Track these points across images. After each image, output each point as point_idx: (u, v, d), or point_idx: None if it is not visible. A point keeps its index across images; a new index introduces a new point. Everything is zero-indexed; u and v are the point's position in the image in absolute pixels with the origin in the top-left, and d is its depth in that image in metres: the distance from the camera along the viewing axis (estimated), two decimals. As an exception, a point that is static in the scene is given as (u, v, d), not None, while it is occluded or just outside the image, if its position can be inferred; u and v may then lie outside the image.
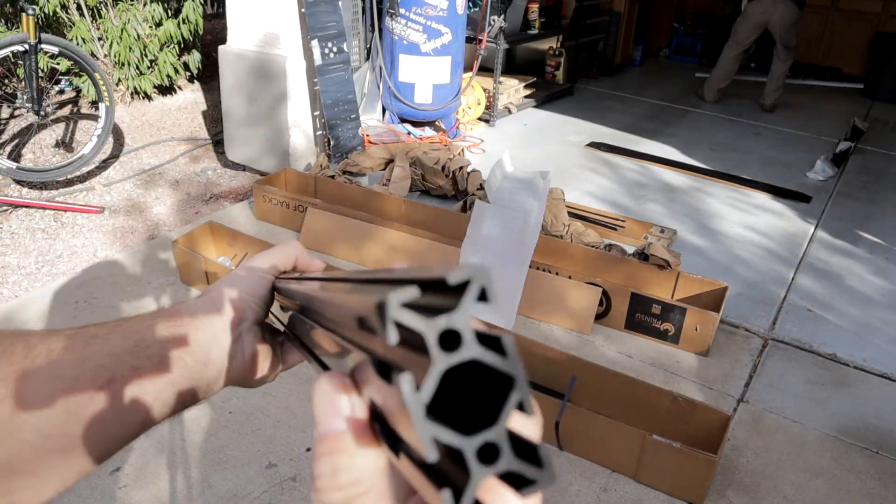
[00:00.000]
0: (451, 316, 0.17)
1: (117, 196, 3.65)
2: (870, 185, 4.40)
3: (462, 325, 0.17)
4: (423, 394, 0.17)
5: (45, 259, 3.04)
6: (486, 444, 0.17)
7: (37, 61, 3.32)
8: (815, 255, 3.40)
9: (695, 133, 5.18)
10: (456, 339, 0.17)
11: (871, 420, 2.29)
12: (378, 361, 0.20)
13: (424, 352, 0.17)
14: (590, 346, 2.57)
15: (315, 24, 3.52)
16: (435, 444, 0.17)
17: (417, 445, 0.17)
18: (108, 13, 4.35)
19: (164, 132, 4.43)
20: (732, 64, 5.75)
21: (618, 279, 2.74)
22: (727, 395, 2.36)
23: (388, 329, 0.17)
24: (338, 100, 3.70)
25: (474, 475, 0.17)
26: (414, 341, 0.17)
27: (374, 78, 4.51)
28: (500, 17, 4.71)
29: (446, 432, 0.17)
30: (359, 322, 0.20)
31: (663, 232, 3.38)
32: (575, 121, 5.27)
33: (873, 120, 5.87)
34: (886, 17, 6.78)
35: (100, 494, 1.83)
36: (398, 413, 0.18)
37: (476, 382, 0.18)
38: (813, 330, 2.75)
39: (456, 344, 0.17)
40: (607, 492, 1.94)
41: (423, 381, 0.17)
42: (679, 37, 7.68)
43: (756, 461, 2.08)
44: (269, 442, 2.03)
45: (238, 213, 3.45)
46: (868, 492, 2.00)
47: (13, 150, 3.87)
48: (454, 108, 4.62)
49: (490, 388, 0.18)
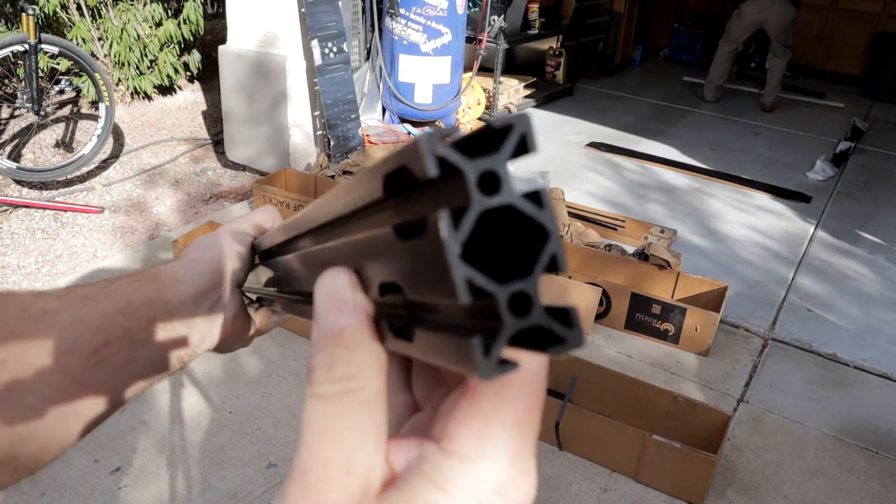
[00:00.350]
0: (492, 158, 0.17)
1: (117, 196, 3.65)
2: (870, 185, 4.40)
3: (501, 169, 0.17)
4: (461, 232, 0.16)
5: (45, 259, 3.04)
6: (519, 293, 0.17)
7: (37, 61, 3.32)
8: (816, 255, 3.40)
9: (695, 133, 5.18)
10: (495, 184, 0.17)
11: (871, 420, 2.29)
12: (401, 225, 0.19)
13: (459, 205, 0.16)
14: (590, 346, 2.57)
15: (315, 24, 3.52)
16: (468, 289, 0.16)
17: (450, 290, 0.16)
18: (108, 13, 4.35)
19: (164, 132, 4.43)
20: (727, 61, 5.78)
21: (618, 279, 2.74)
22: (727, 395, 2.36)
23: (427, 162, 0.16)
24: (338, 100, 3.70)
25: (507, 324, 0.16)
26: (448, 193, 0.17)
27: (374, 78, 4.51)
28: (500, 17, 4.71)
29: (481, 277, 0.16)
30: (385, 181, 0.19)
31: (663, 232, 3.38)
32: (575, 121, 5.27)
33: (873, 120, 5.87)
34: (886, 17, 6.78)
35: (100, 494, 1.83)
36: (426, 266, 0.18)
37: (509, 233, 0.18)
38: (813, 330, 2.75)
39: (495, 189, 0.17)
40: (607, 492, 1.94)
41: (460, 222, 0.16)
42: (679, 37, 7.68)
43: (756, 461, 2.08)
44: (269, 442, 2.03)
45: (238, 213, 3.45)
46: (868, 492, 2.00)
47: (13, 150, 3.87)
48: (454, 108, 4.62)
49: (523, 240, 0.17)
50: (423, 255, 0.18)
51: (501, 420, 0.20)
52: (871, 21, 6.86)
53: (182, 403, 2.17)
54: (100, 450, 1.97)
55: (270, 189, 3.31)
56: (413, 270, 0.19)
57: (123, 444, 2.00)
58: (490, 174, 0.17)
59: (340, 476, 0.21)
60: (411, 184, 0.18)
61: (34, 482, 1.85)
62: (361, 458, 0.21)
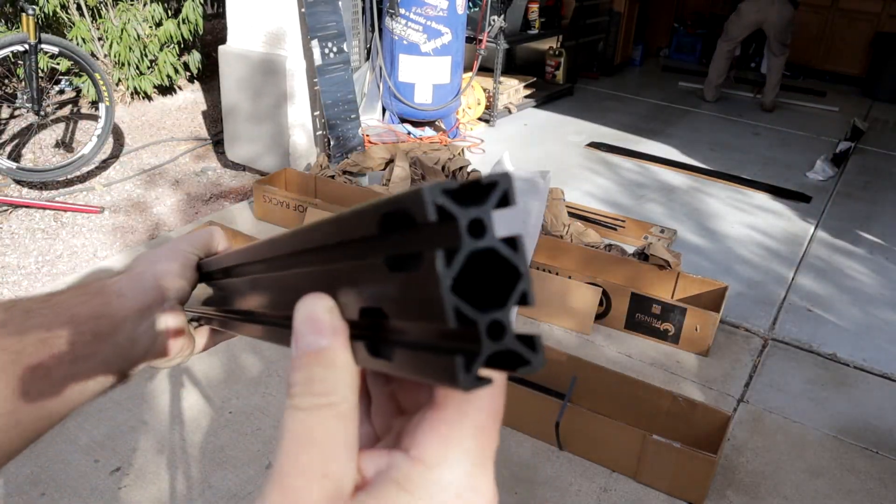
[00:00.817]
0: (480, 208, 0.20)
1: (117, 196, 3.65)
2: (870, 185, 4.40)
3: (487, 218, 0.20)
4: (452, 269, 0.20)
5: (45, 259, 3.04)
6: (495, 321, 0.20)
7: (37, 61, 3.32)
8: (816, 254, 3.40)
9: (695, 133, 5.18)
10: (481, 230, 0.20)
11: (871, 420, 2.29)
12: (394, 258, 0.22)
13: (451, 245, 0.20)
14: (590, 346, 2.57)
15: (315, 24, 3.52)
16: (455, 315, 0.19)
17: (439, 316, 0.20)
18: (108, 13, 4.35)
19: (164, 132, 4.43)
20: (725, 60, 5.79)
21: (618, 279, 2.74)
22: (727, 395, 2.36)
23: (428, 209, 0.19)
24: (338, 100, 3.70)
25: (485, 347, 0.20)
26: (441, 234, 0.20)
27: (374, 78, 4.51)
28: (500, 17, 4.71)
29: (467, 307, 0.20)
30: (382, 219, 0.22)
31: (663, 232, 3.38)
32: (575, 121, 5.27)
33: (873, 120, 5.87)
34: (886, 17, 6.78)
35: (100, 494, 1.83)
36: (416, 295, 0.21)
37: (485, 271, 0.21)
38: (813, 330, 2.76)
39: (481, 234, 0.20)
40: (607, 492, 1.94)
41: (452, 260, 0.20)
42: (679, 37, 7.68)
43: (756, 461, 2.08)
44: (269, 442, 2.03)
45: (238, 213, 3.45)
46: (868, 492, 2.00)
47: (13, 150, 3.87)
48: (454, 108, 4.62)
49: (498, 277, 0.21)
50: (415, 285, 0.21)
51: (464, 428, 0.23)
52: (871, 21, 6.86)
53: (182, 403, 2.17)
54: (100, 450, 1.97)
55: (270, 189, 3.31)
56: (401, 297, 0.22)
57: (123, 444, 2.00)
58: (477, 221, 0.20)
59: (317, 480, 0.23)
60: (407, 223, 0.21)
61: (34, 482, 1.85)
62: (336, 464, 0.23)
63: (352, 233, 0.24)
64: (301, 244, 0.29)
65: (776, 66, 5.66)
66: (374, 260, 0.23)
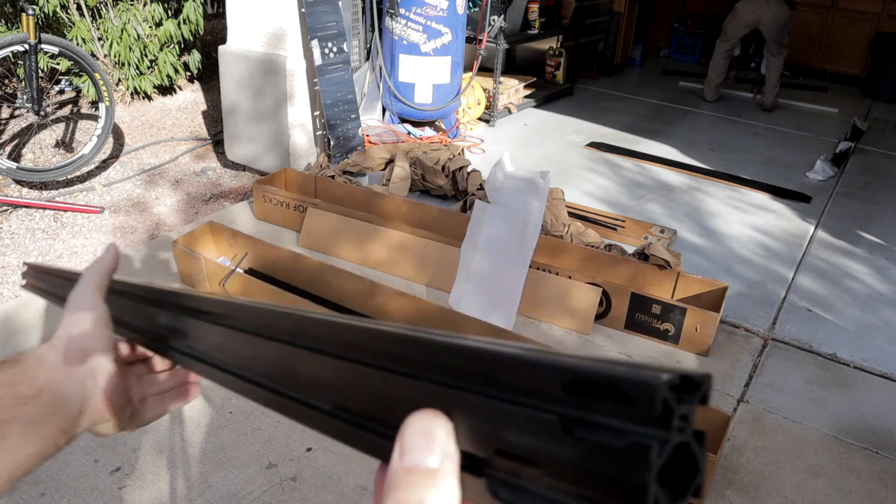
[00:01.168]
0: (688, 404, 0.21)
1: (117, 196, 3.65)
2: (870, 185, 4.40)
3: (691, 414, 0.21)
4: (661, 458, 0.20)
5: (45, 259, 3.04)
6: None
7: (37, 61, 3.32)
8: (816, 254, 3.40)
9: (694, 133, 5.18)
10: (685, 424, 0.21)
11: (871, 420, 2.29)
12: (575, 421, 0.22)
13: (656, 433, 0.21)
14: (590, 346, 2.57)
15: (315, 24, 3.52)
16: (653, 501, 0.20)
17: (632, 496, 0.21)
18: (108, 13, 4.35)
19: (164, 132, 4.43)
20: (724, 60, 5.82)
21: (618, 279, 2.74)
22: (727, 395, 2.36)
23: (657, 404, 0.20)
24: (338, 100, 3.70)
25: None
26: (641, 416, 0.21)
27: (374, 78, 4.52)
28: (500, 17, 4.71)
29: (664, 495, 0.21)
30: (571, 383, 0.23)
31: (663, 232, 3.38)
32: (575, 121, 5.28)
33: (873, 120, 5.88)
34: (886, 17, 6.78)
35: (100, 494, 1.83)
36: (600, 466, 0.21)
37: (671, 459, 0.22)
38: (813, 330, 2.76)
39: (685, 428, 0.21)
40: (607, 492, 1.94)
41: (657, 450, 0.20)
42: (679, 37, 7.68)
43: (756, 461, 2.08)
44: (269, 442, 2.03)
45: (238, 213, 3.45)
46: (868, 492, 2.00)
47: (13, 150, 3.87)
48: (454, 108, 4.62)
49: (678, 466, 0.22)
50: (605, 457, 0.21)
51: None
52: (871, 21, 6.87)
53: (182, 403, 2.16)
54: (100, 450, 1.97)
55: (270, 189, 3.31)
56: (574, 462, 0.22)
57: (123, 444, 2.00)
58: (685, 417, 0.21)
59: None
60: (608, 395, 0.22)
61: (34, 482, 1.85)
62: None
63: (510, 376, 0.24)
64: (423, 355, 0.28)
65: (775, 66, 5.66)
66: (545, 415, 0.23)
